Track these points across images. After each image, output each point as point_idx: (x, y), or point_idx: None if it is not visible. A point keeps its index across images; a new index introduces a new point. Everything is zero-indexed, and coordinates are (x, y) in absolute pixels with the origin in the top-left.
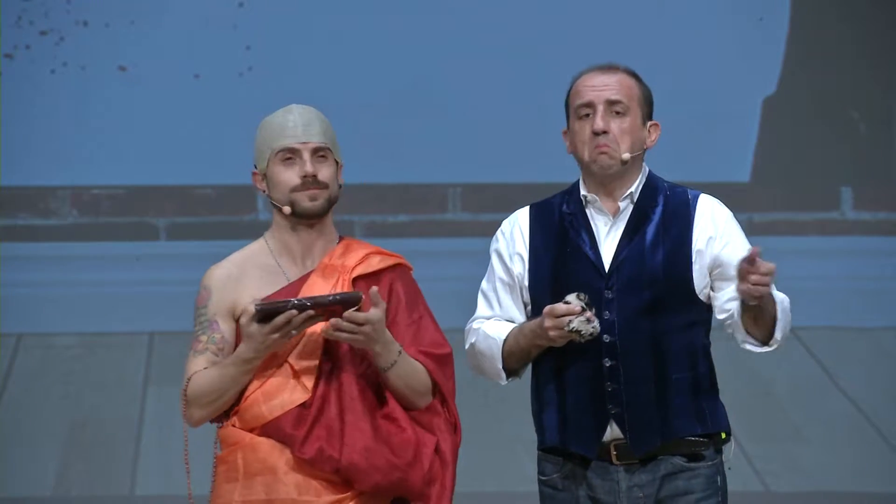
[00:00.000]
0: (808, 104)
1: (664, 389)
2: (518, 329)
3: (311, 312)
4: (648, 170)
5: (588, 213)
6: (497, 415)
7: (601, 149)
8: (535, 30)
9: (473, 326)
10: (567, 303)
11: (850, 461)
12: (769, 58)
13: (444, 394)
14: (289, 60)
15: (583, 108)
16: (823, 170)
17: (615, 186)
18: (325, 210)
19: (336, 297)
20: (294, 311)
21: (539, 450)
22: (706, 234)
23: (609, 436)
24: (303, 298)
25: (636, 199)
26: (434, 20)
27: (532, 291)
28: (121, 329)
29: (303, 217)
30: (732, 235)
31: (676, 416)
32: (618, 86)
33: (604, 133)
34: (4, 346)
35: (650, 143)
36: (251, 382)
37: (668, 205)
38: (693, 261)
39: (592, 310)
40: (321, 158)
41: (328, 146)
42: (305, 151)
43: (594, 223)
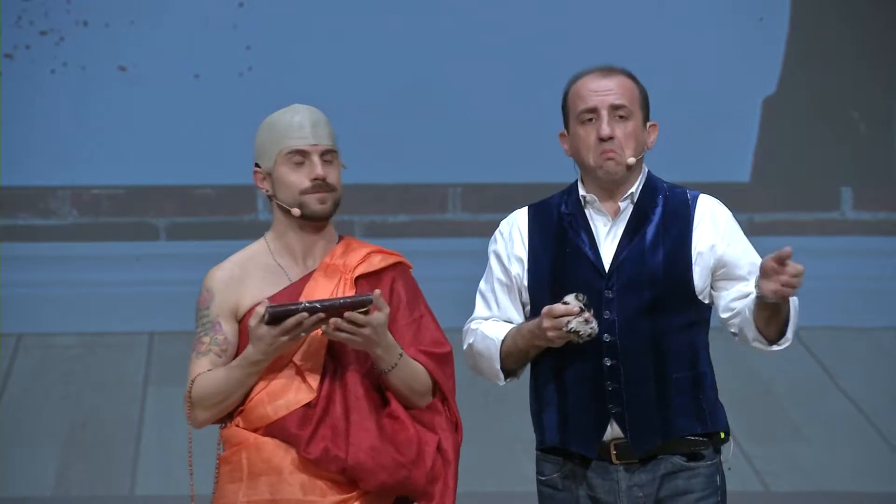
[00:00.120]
0: (808, 104)
1: (664, 389)
2: (516, 330)
3: (322, 315)
4: (647, 170)
5: (587, 214)
6: (496, 414)
7: (607, 155)
8: (535, 30)
9: (472, 327)
10: (566, 303)
11: (850, 461)
12: (769, 58)
13: (445, 392)
14: (289, 60)
15: (586, 113)
16: (823, 170)
17: (616, 187)
18: (333, 212)
19: (346, 301)
20: (305, 314)
21: (538, 450)
22: (707, 236)
23: (609, 435)
24: (314, 301)
25: (636, 200)
26: (434, 20)
27: (531, 292)
28: (121, 329)
29: (311, 219)
30: (734, 235)
31: (677, 416)
32: (620, 89)
33: (610, 139)
34: (4, 346)
35: (650, 144)
36: (256, 383)
37: (668, 205)
38: (693, 261)
39: (591, 311)
40: (328, 161)
41: (335, 149)
42: (315, 154)
43: (593, 223)
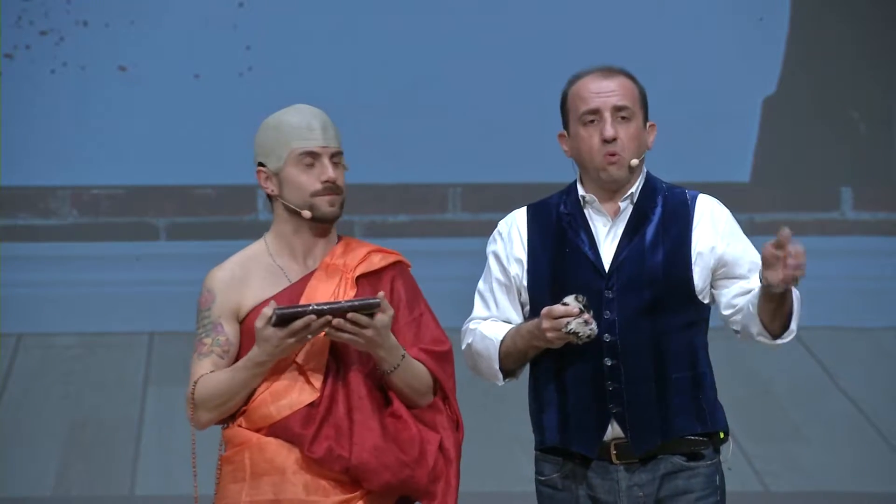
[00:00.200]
0: (808, 104)
1: (664, 389)
2: (515, 330)
3: (329, 318)
4: (647, 170)
5: (587, 214)
6: (496, 414)
7: (611, 158)
8: (535, 30)
9: (470, 327)
10: (565, 304)
11: (850, 461)
12: (769, 58)
13: (446, 391)
14: (289, 60)
15: (588, 115)
16: (823, 170)
17: (616, 188)
18: (340, 214)
19: (354, 303)
20: (313, 317)
21: (538, 450)
22: (707, 236)
23: (610, 435)
24: (322, 304)
25: (636, 200)
26: (434, 20)
27: (530, 292)
28: (121, 329)
29: (321, 221)
30: (734, 235)
31: (677, 416)
32: (622, 90)
33: (614, 140)
34: (4, 346)
35: (650, 145)
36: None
37: (668, 205)
38: (693, 261)
39: (590, 312)
40: (336, 163)
41: (342, 151)
42: (326, 156)
43: (593, 224)
